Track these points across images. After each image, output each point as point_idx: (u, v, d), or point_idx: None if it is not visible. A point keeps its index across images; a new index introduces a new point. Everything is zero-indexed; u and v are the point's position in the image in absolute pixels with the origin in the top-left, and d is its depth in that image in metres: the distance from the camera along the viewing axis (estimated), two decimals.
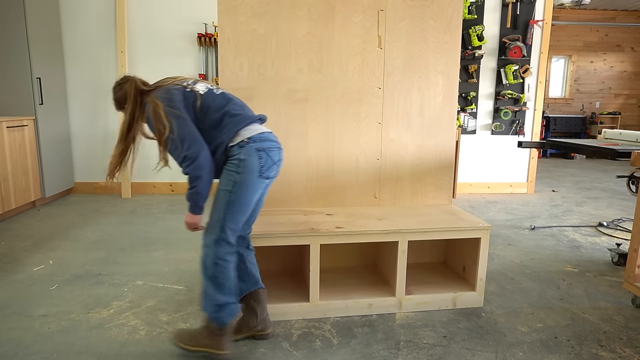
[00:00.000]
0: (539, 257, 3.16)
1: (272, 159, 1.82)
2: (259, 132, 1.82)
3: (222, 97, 1.86)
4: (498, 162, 5.32)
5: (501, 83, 5.11)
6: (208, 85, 1.89)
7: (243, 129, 1.80)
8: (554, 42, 9.11)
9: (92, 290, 2.53)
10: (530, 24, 4.99)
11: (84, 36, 4.80)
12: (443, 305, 2.35)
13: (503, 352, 1.96)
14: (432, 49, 2.57)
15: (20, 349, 1.93)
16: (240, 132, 1.79)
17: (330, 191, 2.62)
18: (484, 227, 2.30)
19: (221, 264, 1.79)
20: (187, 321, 2.19)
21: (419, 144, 2.66)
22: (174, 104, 1.75)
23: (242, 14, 2.38)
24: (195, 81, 1.90)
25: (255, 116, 1.88)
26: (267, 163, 1.79)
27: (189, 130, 1.73)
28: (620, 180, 6.36)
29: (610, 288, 2.65)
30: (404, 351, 1.96)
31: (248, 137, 1.78)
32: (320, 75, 2.50)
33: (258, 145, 1.78)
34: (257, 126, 1.85)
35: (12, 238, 3.41)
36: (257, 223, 2.26)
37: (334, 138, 2.57)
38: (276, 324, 2.18)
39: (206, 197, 1.78)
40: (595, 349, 1.99)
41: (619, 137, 3.10)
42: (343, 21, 2.47)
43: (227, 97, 1.88)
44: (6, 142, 3.83)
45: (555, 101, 9.48)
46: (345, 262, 2.73)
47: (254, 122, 1.85)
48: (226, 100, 1.86)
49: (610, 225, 3.95)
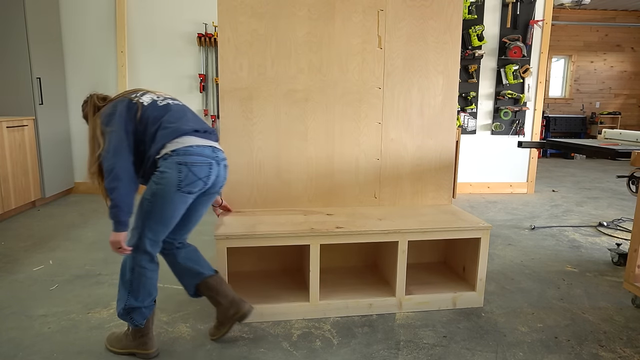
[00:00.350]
0: (539, 257, 3.16)
1: (196, 175, 1.75)
2: (187, 145, 1.76)
3: (162, 109, 1.83)
4: (498, 162, 5.32)
5: (501, 83, 5.11)
6: (155, 97, 1.89)
7: (171, 142, 1.76)
8: (554, 42, 9.11)
9: (92, 290, 2.53)
10: (530, 24, 4.99)
11: (84, 36, 4.80)
12: (443, 305, 2.35)
13: (503, 352, 1.96)
14: (432, 49, 2.57)
15: (20, 349, 1.93)
16: (167, 144, 1.76)
17: (330, 191, 2.62)
18: (484, 227, 2.30)
19: (137, 271, 1.80)
20: (187, 321, 2.19)
21: (419, 144, 2.66)
22: (112, 118, 1.77)
23: (242, 14, 2.38)
24: (146, 92, 1.90)
25: (189, 128, 1.80)
26: (188, 178, 1.74)
27: (115, 143, 1.73)
28: (620, 180, 6.36)
29: (610, 288, 2.65)
30: (404, 351, 1.96)
31: (172, 149, 1.74)
32: (320, 75, 2.50)
33: (180, 159, 1.73)
34: (189, 138, 1.78)
35: (12, 238, 3.41)
36: (257, 223, 2.26)
37: (334, 138, 2.57)
38: (276, 324, 2.18)
39: (127, 212, 1.73)
40: (595, 349, 1.99)
41: (619, 137, 3.10)
42: (343, 21, 2.47)
43: (167, 108, 1.85)
44: (6, 142, 3.83)
45: (555, 101, 9.48)
46: (345, 262, 2.73)
47: (186, 135, 1.79)
48: (165, 111, 1.83)
49: (610, 225, 3.95)
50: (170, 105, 1.87)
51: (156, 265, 1.85)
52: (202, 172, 1.77)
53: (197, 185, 1.77)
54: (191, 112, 1.92)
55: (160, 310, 2.30)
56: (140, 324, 1.86)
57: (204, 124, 1.89)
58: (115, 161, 1.71)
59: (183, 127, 1.79)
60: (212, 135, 1.90)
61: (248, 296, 2.31)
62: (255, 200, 2.56)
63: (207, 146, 1.82)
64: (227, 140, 2.46)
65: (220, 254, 2.10)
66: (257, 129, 2.49)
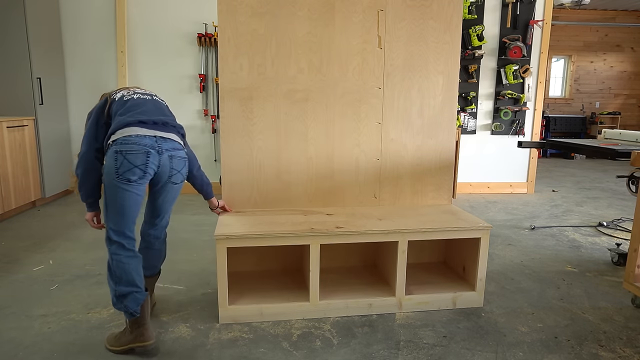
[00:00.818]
0: (539, 257, 3.16)
1: (131, 162, 1.80)
2: (125, 135, 1.83)
3: (124, 103, 1.95)
4: (498, 162, 5.32)
5: (501, 83, 5.11)
6: (126, 92, 2.01)
7: (114, 133, 1.86)
8: (554, 42, 9.11)
9: (92, 290, 2.53)
10: (530, 24, 4.99)
11: (84, 36, 4.80)
12: (443, 305, 2.35)
13: (503, 352, 1.96)
14: (432, 49, 2.57)
15: (20, 349, 1.93)
16: (112, 135, 1.86)
17: (330, 191, 2.62)
18: (484, 227, 2.30)
19: (114, 259, 1.88)
20: (187, 321, 2.19)
21: (419, 144, 2.66)
22: (91, 113, 1.97)
23: (242, 14, 2.38)
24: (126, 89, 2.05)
25: (134, 120, 1.87)
26: (124, 165, 1.79)
27: (86, 134, 1.93)
28: (620, 180, 6.36)
29: (610, 288, 2.65)
30: (404, 351, 1.96)
31: (113, 140, 1.84)
32: (320, 75, 2.50)
33: (117, 148, 1.81)
34: (130, 129, 1.85)
35: (12, 238, 3.41)
36: (257, 223, 2.26)
37: (334, 138, 2.57)
38: (276, 324, 2.18)
39: (85, 195, 1.97)
40: (595, 349, 1.99)
41: (618, 137, 3.10)
42: (343, 21, 2.47)
43: (129, 101, 1.96)
44: (6, 142, 3.83)
45: (555, 101, 9.48)
46: (345, 262, 2.74)
47: (129, 125, 1.86)
48: (124, 105, 1.94)
49: (610, 225, 3.95)
50: (134, 99, 1.98)
51: (130, 252, 1.90)
52: (138, 160, 1.82)
53: (134, 172, 1.81)
54: (154, 105, 2.00)
55: (160, 310, 2.30)
56: (135, 310, 1.88)
57: (161, 117, 1.96)
58: (82, 150, 1.92)
59: (129, 119, 1.88)
60: (166, 127, 1.95)
61: (248, 296, 2.31)
62: (255, 200, 2.56)
63: (149, 136, 1.87)
64: (227, 140, 2.47)
65: (220, 254, 2.10)
66: (257, 129, 2.49)
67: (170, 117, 2.03)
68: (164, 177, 1.95)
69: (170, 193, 2.04)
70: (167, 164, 1.92)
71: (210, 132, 5.06)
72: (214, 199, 2.37)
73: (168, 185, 1.99)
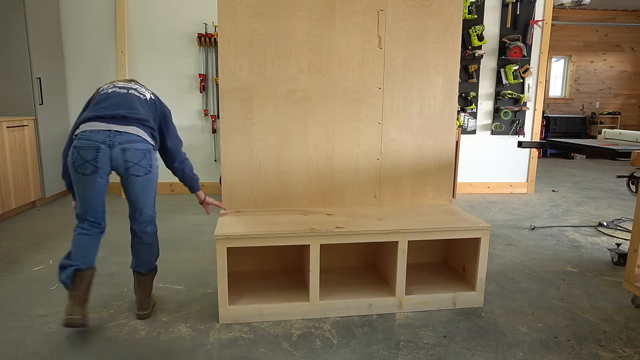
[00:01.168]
0: (539, 257, 3.16)
1: (82, 157, 1.94)
2: (82, 130, 1.98)
3: (99, 96, 2.09)
4: (498, 162, 5.32)
5: (501, 83, 5.11)
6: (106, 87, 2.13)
7: (77, 128, 2.01)
8: (554, 42, 9.11)
9: (92, 290, 2.53)
10: (530, 24, 4.99)
11: (84, 36, 4.80)
12: (443, 305, 2.35)
13: (503, 352, 1.96)
14: (432, 49, 2.57)
15: (20, 349, 1.93)
16: (76, 130, 2.02)
17: (330, 191, 2.62)
18: (484, 227, 2.30)
19: (73, 237, 2.07)
20: (187, 321, 2.19)
21: (419, 144, 2.66)
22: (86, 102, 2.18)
23: (242, 14, 2.38)
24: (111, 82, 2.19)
25: (93, 115, 1.99)
26: (77, 160, 1.95)
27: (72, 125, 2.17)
28: (620, 180, 6.36)
29: (610, 288, 2.65)
30: (404, 351, 1.96)
31: (75, 134, 2.01)
32: (320, 75, 2.50)
33: (75, 143, 1.97)
34: (88, 124, 1.98)
35: (12, 238, 3.41)
36: (257, 223, 2.26)
37: (334, 138, 2.57)
38: (276, 324, 2.18)
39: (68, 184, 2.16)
40: (595, 349, 1.99)
41: (618, 137, 3.10)
42: (343, 21, 2.47)
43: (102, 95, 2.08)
44: (6, 142, 3.83)
45: (555, 101, 9.48)
46: (345, 262, 2.74)
47: (89, 120, 1.99)
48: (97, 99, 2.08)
49: (610, 225, 3.95)
50: (107, 93, 2.09)
51: (85, 231, 2.06)
52: (89, 155, 1.94)
53: (86, 167, 1.96)
54: (123, 98, 2.07)
55: (160, 310, 2.30)
56: (65, 282, 2.00)
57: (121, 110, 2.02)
58: (66, 142, 2.09)
59: (89, 113, 2.00)
60: (124, 120, 2.01)
61: (248, 296, 2.31)
62: (255, 200, 2.56)
63: (103, 130, 1.96)
64: (227, 141, 2.47)
65: (220, 254, 2.10)
66: (257, 129, 2.49)
67: (135, 110, 2.06)
68: (122, 170, 2.02)
69: (137, 186, 2.06)
70: (120, 157, 1.99)
71: (210, 132, 5.06)
72: (199, 192, 2.39)
73: (130, 178, 2.04)
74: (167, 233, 3.57)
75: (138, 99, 2.13)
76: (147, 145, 2.05)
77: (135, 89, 2.17)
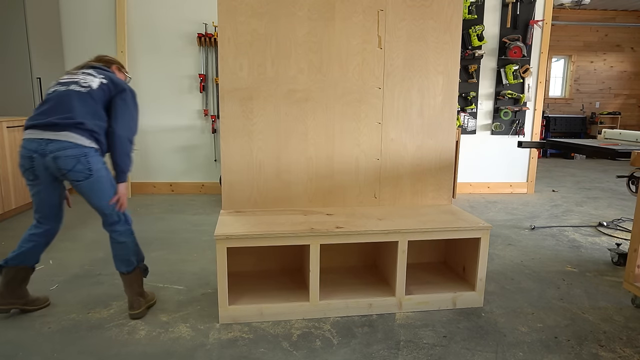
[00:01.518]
0: (539, 257, 3.16)
1: (22, 165, 2.04)
2: (23, 137, 2.04)
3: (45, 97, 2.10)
4: (498, 162, 5.32)
5: (501, 83, 5.11)
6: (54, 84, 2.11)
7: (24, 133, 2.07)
8: (554, 42, 9.11)
9: (92, 290, 2.53)
10: (530, 24, 4.99)
11: (84, 36, 4.80)
12: (443, 305, 2.35)
13: (503, 352, 1.96)
14: (432, 49, 2.57)
15: (20, 349, 1.93)
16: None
17: (330, 191, 2.62)
18: (484, 227, 2.30)
19: None
20: (187, 321, 2.19)
21: (419, 144, 2.66)
22: None
23: (242, 14, 2.38)
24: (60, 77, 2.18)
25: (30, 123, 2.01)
26: (20, 167, 2.05)
27: None
28: (620, 180, 6.36)
29: (610, 288, 2.65)
30: (404, 351, 1.96)
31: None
32: (320, 75, 2.50)
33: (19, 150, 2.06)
34: (26, 132, 2.02)
35: (12, 238, 3.41)
36: (257, 223, 2.26)
37: (334, 138, 2.57)
38: (276, 324, 2.18)
39: None
40: (595, 349, 1.99)
41: (618, 137, 3.10)
42: (343, 21, 2.47)
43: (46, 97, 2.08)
44: (6, 142, 3.83)
45: (555, 101, 9.48)
46: (345, 262, 2.74)
47: (27, 129, 2.02)
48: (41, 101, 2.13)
49: (610, 225, 3.95)
50: (48, 94, 2.09)
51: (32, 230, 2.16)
52: (26, 164, 2.02)
53: (27, 174, 2.05)
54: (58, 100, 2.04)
55: (160, 310, 2.30)
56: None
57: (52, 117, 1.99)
58: None
59: (28, 121, 2.03)
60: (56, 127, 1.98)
61: (248, 296, 2.31)
62: (255, 200, 2.56)
63: (36, 139, 1.99)
64: (227, 140, 2.47)
65: (220, 254, 2.10)
66: (257, 129, 2.49)
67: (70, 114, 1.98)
68: (60, 177, 2.06)
69: (82, 190, 2.07)
70: (53, 165, 2.00)
71: (210, 132, 5.06)
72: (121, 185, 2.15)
73: (73, 183, 2.05)
74: (167, 233, 3.57)
75: (78, 95, 2.03)
76: (81, 150, 1.99)
77: (78, 81, 2.07)
